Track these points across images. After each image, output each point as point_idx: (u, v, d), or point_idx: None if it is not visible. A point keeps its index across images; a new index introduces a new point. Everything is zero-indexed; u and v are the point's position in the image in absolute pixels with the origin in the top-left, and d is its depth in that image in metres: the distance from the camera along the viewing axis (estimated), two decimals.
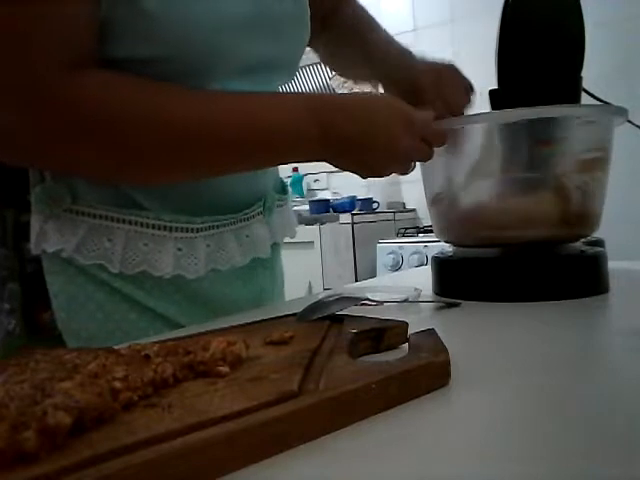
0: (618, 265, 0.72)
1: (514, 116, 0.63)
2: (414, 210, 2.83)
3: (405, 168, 0.64)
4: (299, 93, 0.70)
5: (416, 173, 0.73)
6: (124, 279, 0.62)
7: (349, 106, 0.60)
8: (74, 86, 0.50)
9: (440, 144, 0.63)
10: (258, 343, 0.40)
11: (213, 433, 0.25)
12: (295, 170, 3.10)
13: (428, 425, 0.30)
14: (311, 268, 2.40)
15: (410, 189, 2.76)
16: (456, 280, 0.67)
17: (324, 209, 2.61)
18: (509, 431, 0.29)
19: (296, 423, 0.27)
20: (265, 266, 0.74)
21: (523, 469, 0.25)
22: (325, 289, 2.28)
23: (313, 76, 3.04)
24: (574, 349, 0.44)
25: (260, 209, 0.71)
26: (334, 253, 2.42)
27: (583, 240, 0.71)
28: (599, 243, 0.75)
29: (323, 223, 2.44)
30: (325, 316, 0.49)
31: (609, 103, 0.70)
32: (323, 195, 3.02)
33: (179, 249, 0.63)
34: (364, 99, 0.62)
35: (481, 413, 0.32)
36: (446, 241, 0.73)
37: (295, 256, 1.54)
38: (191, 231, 0.63)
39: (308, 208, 2.62)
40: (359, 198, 2.71)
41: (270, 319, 0.51)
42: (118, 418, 0.27)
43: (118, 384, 0.29)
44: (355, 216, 2.45)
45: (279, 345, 0.40)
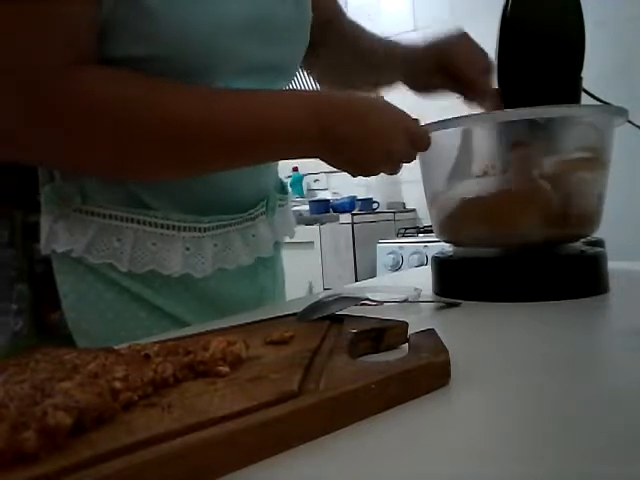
0: (618, 265, 0.72)
1: (514, 116, 0.63)
2: (414, 210, 2.83)
3: (394, 168, 0.64)
4: (299, 91, 0.69)
5: (416, 173, 0.73)
6: (133, 278, 0.62)
7: (347, 106, 0.60)
8: (75, 83, 0.51)
9: (424, 149, 0.64)
10: (258, 343, 0.40)
11: (213, 433, 0.25)
12: (295, 170, 3.10)
13: (428, 425, 0.30)
14: (311, 268, 2.40)
15: (410, 189, 2.76)
16: (456, 280, 0.67)
17: (324, 209, 2.61)
18: (509, 431, 0.29)
19: (296, 423, 0.27)
20: (266, 265, 0.74)
21: (523, 469, 0.25)
22: (325, 289, 2.28)
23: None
24: (574, 349, 0.44)
25: (263, 209, 0.72)
26: (334, 253, 2.42)
27: (583, 240, 0.71)
28: (599, 243, 0.75)
29: (323, 223, 2.44)
30: (325, 316, 0.49)
31: (609, 103, 0.70)
32: (323, 195, 3.02)
33: (187, 248, 0.63)
34: (361, 100, 0.62)
35: (481, 413, 0.32)
36: (446, 241, 0.73)
37: (295, 256, 1.53)
38: (199, 230, 0.64)
39: (308, 208, 2.62)
40: (359, 198, 2.71)
41: (270, 319, 0.51)
42: (118, 418, 0.27)
43: (118, 384, 0.29)
44: (355, 216, 2.45)
45: (279, 345, 0.40)
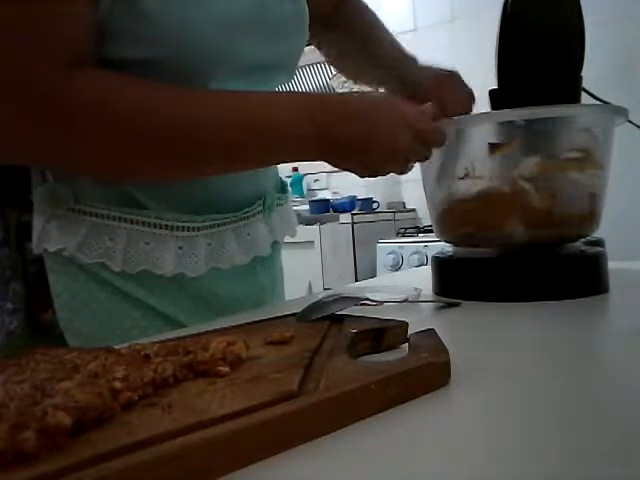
0: (618, 265, 0.71)
1: (514, 116, 0.63)
2: (414, 210, 2.82)
3: (403, 168, 0.63)
4: (296, 92, 0.70)
5: (416, 173, 0.73)
6: (125, 278, 0.62)
7: (341, 107, 0.59)
8: (71, 84, 0.51)
9: (439, 144, 0.62)
10: (258, 343, 0.40)
11: (213, 433, 0.25)
12: (295, 170, 3.10)
13: (428, 425, 0.30)
14: (311, 268, 2.39)
15: (410, 189, 2.76)
16: (456, 280, 0.67)
17: (324, 209, 2.61)
18: (509, 431, 0.29)
19: (296, 423, 0.27)
20: (265, 264, 0.74)
21: (523, 469, 0.25)
22: (325, 289, 2.28)
23: (313, 76, 3.04)
24: (574, 349, 0.44)
25: (260, 208, 0.71)
26: (334, 253, 2.41)
27: (583, 240, 0.71)
28: (599, 243, 0.75)
29: (323, 223, 2.44)
30: (325, 316, 0.49)
31: (609, 103, 0.70)
32: (323, 195, 3.02)
33: (180, 247, 0.63)
34: (364, 99, 0.62)
35: (481, 413, 0.32)
36: (446, 241, 0.73)
37: (295, 256, 1.53)
38: (192, 230, 0.64)
39: (308, 208, 2.62)
40: (359, 198, 2.71)
41: (270, 319, 0.51)
42: (118, 418, 0.27)
43: (118, 384, 0.29)
44: (355, 216, 2.45)
45: (279, 345, 0.40)
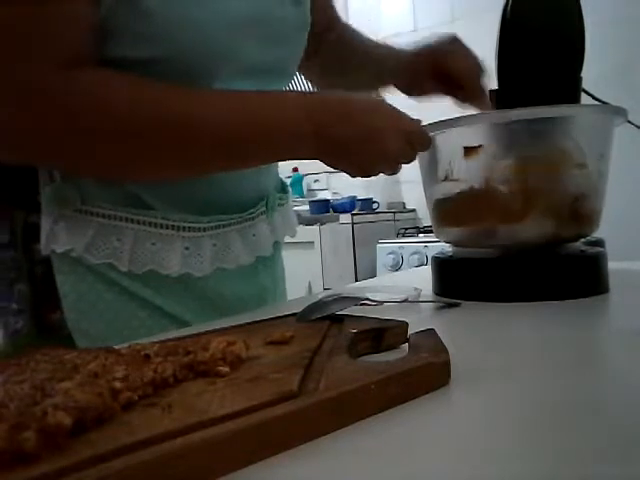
0: (618, 265, 0.71)
1: (513, 116, 0.63)
2: (414, 210, 2.83)
3: (393, 169, 0.65)
4: (298, 92, 0.70)
5: (416, 173, 0.73)
6: (132, 278, 0.63)
7: (341, 106, 0.60)
8: (71, 84, 0.51)
9: (425, 149, 0.65)
10: (258, 343, 0.40)
11: (213, 433, 0.25)
12: (295, 170, 3.10)
13: (428, 425, 0.30)
14: (311, 268, 2.39)
15: (410, 189, 2.76)
16: (456, 280, 0.67)
17: (324, 209, 2.61)
18: (509, 431, 0.29)
19: (296, 423, 0.27)
20: (266, 264, 0.74)
21: (523, 469, 0.25)
22: (325, 289, 2.28)
23: None
24: (574, 349, 0.44)
25: (263, 209, 0.72)
26: (334, 253, 2.42)
27: (583, 240, 0.71)
28: (599, 243, 0.75)
29: (323, 223, 2.44)
30: (325, 316, 0.49)
31: (609, 103, 0.70)
32: (323, 195, 3.02)
33: (186, 248, 0.64)
34: (356, 101, 0.62)
35: (481, 413, 0.32)
36: (446, 241, 0.73)
37: (295, 256, 1.53)
38: (198, 230, 0.64)
39: (308, 208, 2.62)
40: (359, 198, 2.71)
41: (270, 319, 0.51)
42: (118, 418, 0.27)
43: (118, 384, 0.29)
44: (355, 216, 2.45)
45: (279, 345, 0.40)
